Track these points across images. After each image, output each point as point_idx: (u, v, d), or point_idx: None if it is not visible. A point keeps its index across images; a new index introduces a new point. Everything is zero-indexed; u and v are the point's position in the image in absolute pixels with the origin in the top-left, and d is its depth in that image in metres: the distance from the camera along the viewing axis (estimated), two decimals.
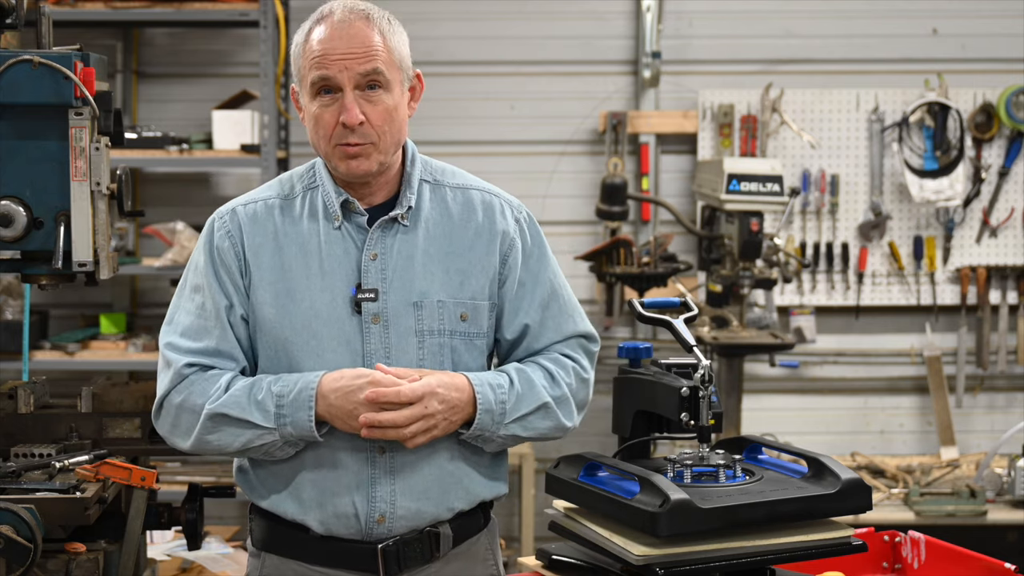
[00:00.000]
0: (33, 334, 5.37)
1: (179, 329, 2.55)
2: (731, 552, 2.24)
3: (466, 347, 2.57)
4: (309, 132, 2.53)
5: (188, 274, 2.60)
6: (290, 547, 2.56)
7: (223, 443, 2.49)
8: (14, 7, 2.85)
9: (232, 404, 2.46)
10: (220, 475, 5.32)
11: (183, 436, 2.52)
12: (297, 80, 2.54)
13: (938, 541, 2.66)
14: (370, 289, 2.51)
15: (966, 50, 6.07)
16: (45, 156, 2.77)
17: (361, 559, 2.52)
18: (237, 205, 2.59)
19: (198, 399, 2.48)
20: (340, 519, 2.51)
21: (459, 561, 2.61)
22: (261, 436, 2.47)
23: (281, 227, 2.55)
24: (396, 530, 2.52)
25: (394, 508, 2.51)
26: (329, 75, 2.45)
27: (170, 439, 2.56)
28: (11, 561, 2.46)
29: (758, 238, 5.00)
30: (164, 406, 2.53)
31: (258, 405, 2.46)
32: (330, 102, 2.47)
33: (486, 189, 2.69)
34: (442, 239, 2.57)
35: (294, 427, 2.46)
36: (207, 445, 2.50)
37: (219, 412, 2.46)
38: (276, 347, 2.52)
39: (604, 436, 3.43)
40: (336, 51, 2.45)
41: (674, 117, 5.99)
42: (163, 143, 5.52)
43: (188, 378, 2.50)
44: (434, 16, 5.98)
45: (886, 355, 6.12)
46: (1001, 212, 5.99)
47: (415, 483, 2.52)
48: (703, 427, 2.35)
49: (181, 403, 2.50)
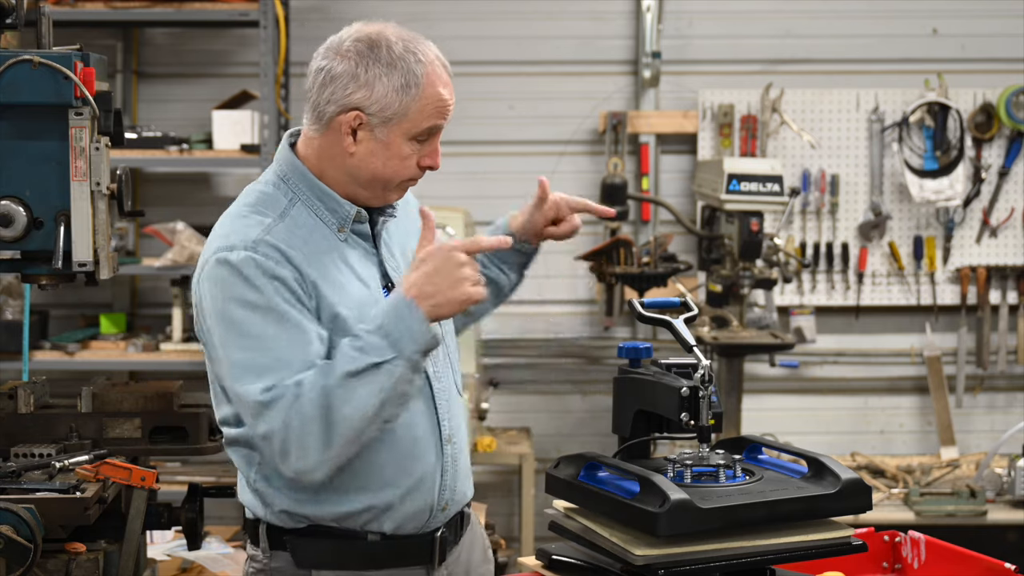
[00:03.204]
0: (33, 334, 5.37)
1: (261, 368, 2.35)
2: (731, 552, 2.24)
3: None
4: (374, 165, 2.48)
5: (235, 315, 2.37)
6: (347, 558, 2.51)
7: (362, 410, 2.31)
8: (14, 7, 2.85)
9: (349, 362, 2.31)
10: (220, 475, 5.32)
11: (321, 450, 2.33)
12: (390, 116, 2.46)
13: (938, 541, 2.66)
14: None
15: (966, 50, 6.07)
16: (45, 156, 2.77)
17: (414, 551, 2.54)
18: (259, 235, 2.42)
19: (313, 393, 2.31)
20: (416, 516, 2.53)
21: (468, 537, 2.69)
22: (391, 373, 2.31)
23: (303, 245, 2.46)
24: (449, 515, 2.59)
25: (454, 495, 2.58)
26: (443, 125, 2.53)
27: (309, 468, 2.35)
28: (11, 561, 2.46)
29: (758, 238, 5.00)
30: (288, 438, 2.32)
31: (367, 349, 2.32)
32: (421, 146, 2.51)
33: None
34: (402, 231, 2.65)
35: (412, 340, 2.32)
36: (347, 428, 2.32)
37: (344, 372, 2.30)
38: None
39: (604, 436, 3.43)
40: (450, 101, 2.53)
41: (674, 117, 5.99)
42: (163, 143, 5.52)
43: (296, 395, 2.32)
44: (434, 16, 5.98)
45: (886, 355, 6.12)
46: (1001, 212, 5.99)
47: (463, 464, 2.61)
48: (703, 427, 2.34)
49: (301, 420, 2.31)
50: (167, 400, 3.07)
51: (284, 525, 2.51)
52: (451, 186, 5.65)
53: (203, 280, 2.43)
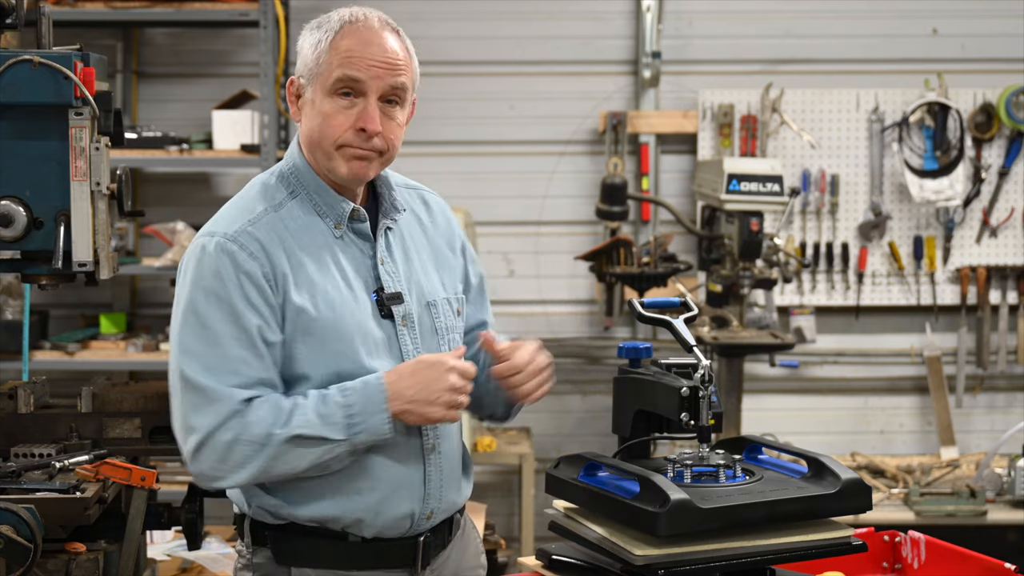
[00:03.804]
0: (33, 334, 5.37)
1: (209, 362, 2.41)
2: (731, 552, 2.24)
3: (462, 341, 2.64)
4: (309, 127, 2.50)
5: (199, 303, 2.43)
6: (327, 556, 2.51)
7: (290, 467, 2.40)
8: (14, 7, 2.85)
9: (304, 424, 2.38)
10: None
11: (234, 470, 2.39)
12: (311, 74, 2.48)
13: (938, 541, 2.65)
14: (395, 293, 2.52)
15: (966, 50, 6.07)
16: (45, 156, 2.77)
17: (398, 555, 2.53)
18: (242, 226, 2.46)
19: (258, 429, 2.37)
20: (397, 521, 2.51)
21: (459, 541, 2.67)
22: (331, 450, 2.40)
23: (290, 239, 2.48)
24: (435, 522, 2.57)
25: (440, 503, 2.56)
26: (359, 78, 2.44)
27: (213, 475, 2.41)
28: (11, 561, 2.46)
29: (758, 238, 5.00)
30: (208, 443, 2.38)
31: (326, 419, 2.39)
32: (348, 105, 2.45)
33: (424, 187, 2.75)
34: (419, 238, 2.63)
35: (368, 433, 2.41)
36: (271, 472, 2.40)
37: (294, 435, 2.37)
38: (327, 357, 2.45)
39: (604, 436, 3.43)
40: (372, 57, 2.44)
41: (674, 117, 5.99)
42: (163, 143, 5.52)
43: (240, 412, 2.38)
44: (433, 16, 5.98)
45: (886, 355, 6.12)
46: (1001, 212, 5.99)
47: (451, 474, 2.58)
48: (703, 427, 2.34)
49: (235, 438, 2.37)
50: (167, 400, 3.05)
51: (266, 521, 2.52)
52: (451, 186, 5.64)
53: (184, 257, 2.51)
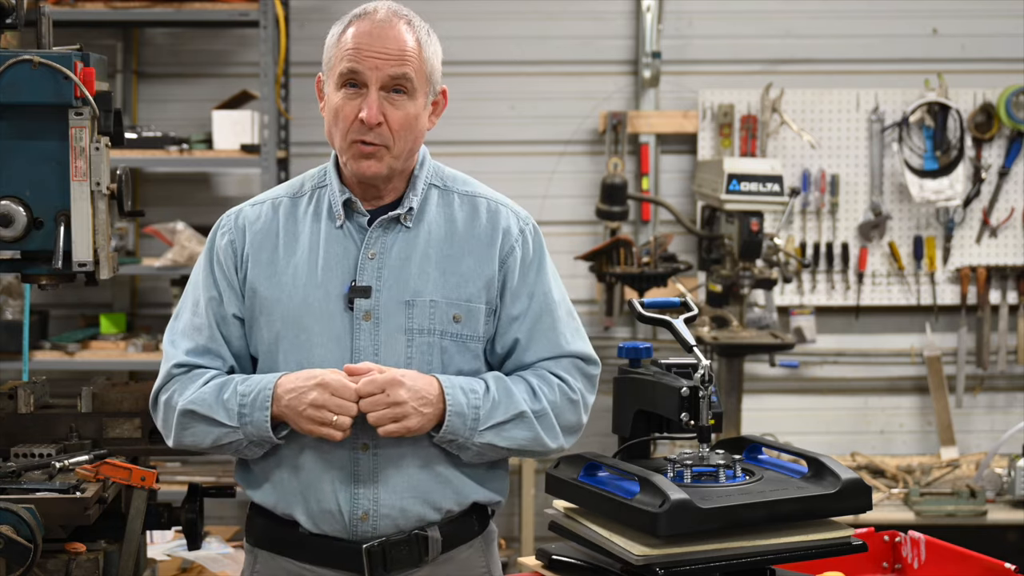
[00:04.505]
0: (33, 334, 5.37)
1: (179, 327, 2.61)
2: (731, 552, 2.24)
3: (458, 349, 2.55)
4: (327, 123, 2.55)
5: (192, 273, 2.67)
6: (281, 543, 2.58)
7: (196, 440, 2.54)
8: (14, 7, 2.85)
9: (200, 402, 2.51)
10: (220, 475, 5.32)
11: (167, 433, 2.59)
12: (326, 69, 2.55)
13: (938, 541, 2.65)
14: (364, 287, 2.52)
15: (966, 50, 6.07)
16: (45, 156, 2.77)
17: (348, 558, 2.52)
18: (246, 205, 2.65)
19: (177, 397, 2.54)
20: (325, 515, 2.52)
21: (450, 567, 2.58)
22: (228, 435, 2.51)
23: (284, 225, 2.59)
24: (381, 530, 2.51)
25: (377, 506, 2.51)
26: (358, 69, 2.47)
27: (161, 432, 2.62)
28: (11, 561, 2.46)
29: (758, 238, 5.00)
30: (155, 403, 2.61)
31: (223, 404, 2.50)
32: (354, 96, 2.49)
33: (494, 198, 2.68)
34: (443, 242, 2.58)
35: (254, 427, 2.49)
36: (183, 441, 2.56)
37: (188, 409, 2.52)
38: (276, 341, 2.54)
39: (604, 436, 3.42)
40: (371, 48, 2.47)
41: (674, 117, 5.99)
42: (163, 143, 5.52)
43: (176, 378, 2.56)
44: (434, 16, 5.87)
45: (886, 355, 6.12)
46: (1001, 212, 5.99)
47: (399, 481, 2.51)
48: (703, 427, 2.34)
49: (167, 401, 2.56)
50: None
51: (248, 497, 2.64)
52: None
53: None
